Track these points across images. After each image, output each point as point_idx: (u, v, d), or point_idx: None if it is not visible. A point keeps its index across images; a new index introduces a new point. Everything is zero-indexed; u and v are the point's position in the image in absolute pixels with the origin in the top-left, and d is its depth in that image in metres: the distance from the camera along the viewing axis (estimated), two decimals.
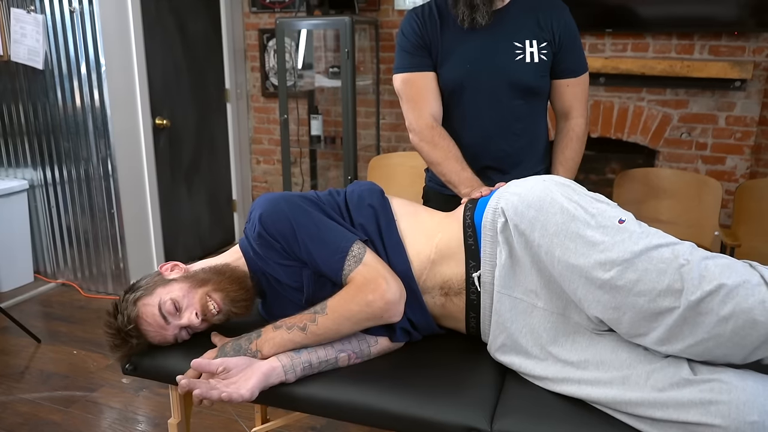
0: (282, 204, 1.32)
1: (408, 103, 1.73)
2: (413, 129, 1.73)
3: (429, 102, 1.72)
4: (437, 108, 1.73)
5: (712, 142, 3.10)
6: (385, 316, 1.24)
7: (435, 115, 1.72)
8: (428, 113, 1.71)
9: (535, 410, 1.16)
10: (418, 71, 1.71)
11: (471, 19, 1.63)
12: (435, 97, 1.72)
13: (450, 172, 1.67)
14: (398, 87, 1.76)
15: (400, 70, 1.74)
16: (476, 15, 1.62)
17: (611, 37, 3.14)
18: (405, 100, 1.74)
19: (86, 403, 2.33)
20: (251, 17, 3.92)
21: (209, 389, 1.16)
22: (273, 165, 4.17)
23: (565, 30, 1.69)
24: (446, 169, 1.68)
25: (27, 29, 3.07)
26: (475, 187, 1.58)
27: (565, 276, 1.17)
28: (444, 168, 1.68)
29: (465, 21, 1.64)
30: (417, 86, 1.72)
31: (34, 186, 3.41)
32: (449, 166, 1.67)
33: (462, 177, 1.65)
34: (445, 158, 1.68)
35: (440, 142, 1.69)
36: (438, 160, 1.69)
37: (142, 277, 1.40)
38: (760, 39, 2.89)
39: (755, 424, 0.98)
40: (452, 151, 1.68)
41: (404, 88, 1.74)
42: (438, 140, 1.69)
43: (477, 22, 1.63)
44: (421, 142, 1.72)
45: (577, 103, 1.76)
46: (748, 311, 1.02)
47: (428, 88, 1.72)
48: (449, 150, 1.68)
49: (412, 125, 1.73)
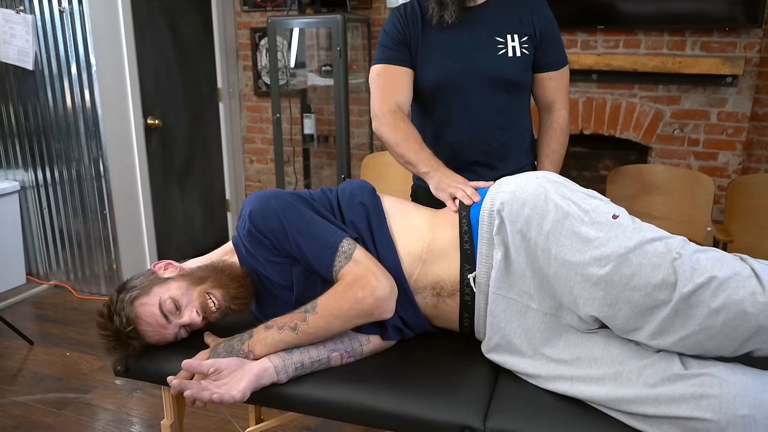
0: (272, 201, 1.32)
1: (376, 91, 1.72)
2: (375, 115, 1.71)
3: (397, 92, 1.70)
4: (405, 100, 1.71)
5: (704, 138, 3.10)
6: (375, 313, 1.23)
7: (400, 104, 1.70)
8: (393, 101, 1.69)
9: (528, 408, 1.16)
10: (394, 64, 1.71)
11: (440, 16, 1.63)
12: (406, 90, 1.71)
13: (408, 151, 1.63)
14: (372, 78, 1.75)
15: (376, 62, 1.74)
16: (444, 13, 1.62)
17: (603, 33, 3.14)
18: (374, 89, 1.73)
19: (79, 405, 2.32)
20: (243, 16, 3.91)
21: (200, 390, 1.16)
22: (266, 164, 4.16)
23: (545, 24, 1.70)
24: (404, 149, 1.64)
25: (16, 29, 3.05)
26: (433, 166, 1.56)
27: (561, 274, 1.17)
28: (402, 148, 1.65)
29: (434, 17, 1.64)
30: (389, 77, 1.71)
31: (25, 187, 3.39)
32: (407, 146, 1.64)
33: (420, 156, 1.61)
34: (404, 139, 1.64)
35: (400, 124, 1.66)
36: (396, 142, 1.66)
37: (133, 277, 1.38)
38: (751, 35, 2.90)
39: (746, 418, 0.98)
40: (412, 133, 1.65)
41: (377, 78, 1.73)
42: (399, 123, 1.66)
43: (444, 20, 1.63)
44: (381, 126, 1.69)
45: (559, 96, 1.77)
46: (739, 303, 1.02)
47: (401, 81, 1.71)
48: (409, 132, 1.65)
49: (374, 111, 1.71)
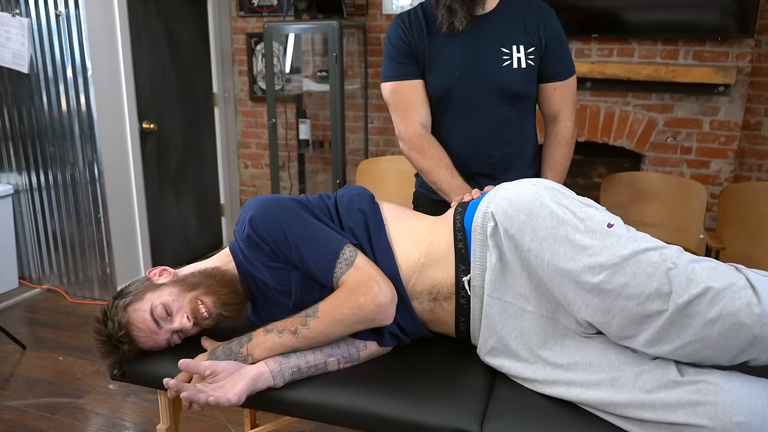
0: (273, 206, 1.32)
1: (396, 111, 1.74)
2: (402, 138, 1.75)
3: (417, 110, 1.72)
4: (426, 116, 1.74)
5: (696, 146, 3.13)
6: (377, 319, 1.24)
7: (423, 123, 1.73)
8: (417, 121, 1.72)
9: (525, 412, 1.17)
10: (405, 80, 1.71)
11: (449, 23, 1.63)
12: (423, 104, 1.73)
13: (440, 180, 1.69)
14: (386, 96, 1.76)
15: (388, 79, 1.75)
16: (454, 20, 1.62)
17: (597, 42, 3.17)
18: (393, 108, 1.75)
19: (73, 409, 2.30)
20: (239, 21, 3.92)
21: (197, 392, 1.16)
22: (261, 169, 4.16)
23: (552, 34, 1.69)
24: (437, 178, 1.69)
25: (12, 33, 3.04)
26: (465, 195, 1.59)
27: (555, 280, 1.18)
28: (434, 176, 1.70)
29: (444, 24, 1.64)
30: (405, 95, 1.72)
31: (19, 191, 3.38)
32: (439, 175, 1.69)
33: (453, 185, 1.67)
34: (435, 167, 1.69)
35: (430, 150, 1.70)
36: (429, 169, 1.71)
37: (130, 283, 1.39)
38: (743, 45, 2.93)
39: (741, 425, 0.99)
40: (442, 159, 1.70)
41: (392, 96, 1.74)
42: (427, 148, 1.70)
43: (455, 26, 1.63)
44: (410, 151, 1.73)
45: (565, 107, 1.77)
46: (735, 314, 1.03)
47: (416, 96, 1.72)
48: (439, 159, 1.70)
49: (401, 134, 1.75)
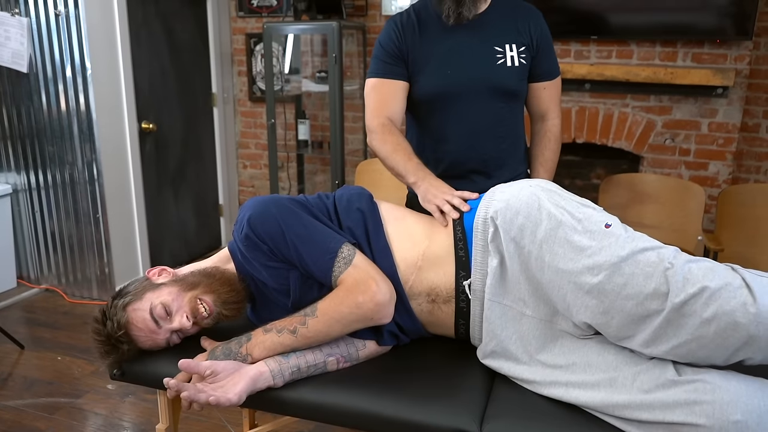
0: (271, 206, 1.33)
1: (369, 105, 1.74)
2: (369, 128, 1.74)
3: (390, 106, 1.72)
4: (398, 113, 1.73)
5: (695, 148, 3.14)
6: (375, 318, 1.24)
7: (392, 117, 1.72)
8: (385, 114, 1.71)
9: (524, 413, 1.17)
10: (388, 78, 1.72)
11: (457, 14, 1.62)
12: (398, 103, 1.73)
13: (397, 163, 1.65)
14: (366, 91, 1.77)
15: (371, 75, 1.75)
16: (462, 9, 1.62)
17: (596, 44, 3.17)
18: (368, 102, 1.75)
19: (71, 409, 2.30)
20: (238, 22, 3.92)
21: (197, 392, 1.16)
22: (260, 169, 4.16)
23: (541, 35, 1.72)
24: (393, 161, 1.66)
25: (11, 32, 3.04)
26: (420, 176, 1.58)
27: (554, 282, 1.18)
28: (391, 161, 1.67)
29: (451, 17, 1.63)
30: (383, 91, 1.73)
31: (17, 190, 3.37)
32: (396, 157, 1.66)
33: (408, 166, 1.63)
34: (392, 151, 1.66)
35: (389, 137, 1.68)
36: (386, 155, 1.68)
37: (129, 283, 1.40)
38: (742, 47, 2.94)
39: (738, 423, 1.00)
40: (401, 144, 1.67)
41: (371, 92, 1.74)
42: (387, 136, 1.68)
43: (464, 16, 1.63)
44: (372, 141, 1.72)
45: (553, 105, 1.80)
46: (730, 313, 1.04)
47: (393, 94, 1.72)
48: (397, 143, 1.67)
49: (368, 125, 1.74)
